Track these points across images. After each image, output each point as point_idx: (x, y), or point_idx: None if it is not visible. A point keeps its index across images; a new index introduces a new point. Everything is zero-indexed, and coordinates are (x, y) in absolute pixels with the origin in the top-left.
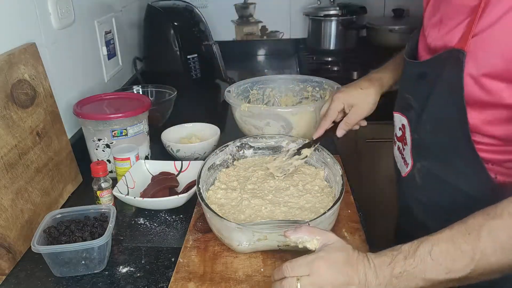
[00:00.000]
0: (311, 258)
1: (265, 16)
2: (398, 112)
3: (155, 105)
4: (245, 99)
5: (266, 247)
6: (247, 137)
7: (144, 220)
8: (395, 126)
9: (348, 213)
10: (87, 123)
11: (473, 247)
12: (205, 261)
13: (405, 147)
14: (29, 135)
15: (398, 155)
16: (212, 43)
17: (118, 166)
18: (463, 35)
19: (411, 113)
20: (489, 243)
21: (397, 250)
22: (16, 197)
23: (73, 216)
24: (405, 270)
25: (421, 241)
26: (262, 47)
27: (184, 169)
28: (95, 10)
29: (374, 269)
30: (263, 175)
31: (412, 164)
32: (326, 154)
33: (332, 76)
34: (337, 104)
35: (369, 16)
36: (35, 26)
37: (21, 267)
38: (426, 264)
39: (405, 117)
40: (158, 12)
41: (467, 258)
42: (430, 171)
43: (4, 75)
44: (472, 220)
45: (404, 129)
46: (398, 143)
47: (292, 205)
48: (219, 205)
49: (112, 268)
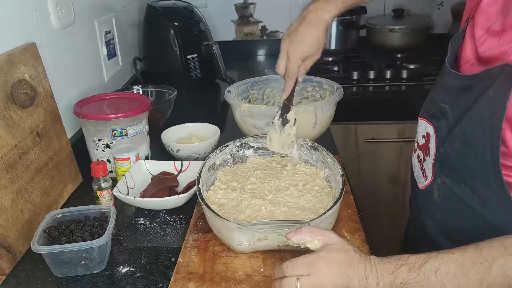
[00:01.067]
0: (311, 258)
1: (265, 16)
2: (424, 118)
3: (155, 105)
4: (245, 99)
5: (266, 247)
6: (247, 137)
7: (144, 220)
8: (418, 133)
9: (348, 213)
10: (87, 123)
11: (481, 278)
12: (205, 261)
13: (427, 158)
14: (29, 135)
15: (417, 164)
16: (212, 43)
17: (118, 166)
18: None
19: (442, 123)
20: (499, 279)
21: (402, 260)
22: (16, 197)
23: (73, 216)
24: (407, 282)
25: (430, 257)
26: (262, 47)
27: (184, 169)
28: (95, 10)
29: (375, 274)
30: (263, 175)
31: (433, 178)
32: (326, 154)
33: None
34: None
35: (369, 16)
36: (35, 26)
37: (21, 267)
38: (429, 281)
39: (432, 126)
40: (158, 12)
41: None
42: (452, 189)
43: (4, 75)
44: (487, 249)
45: (428, 138)
46: (418, 151)
47: (292, 205)
48: (219, 205)
49: (112, 268)
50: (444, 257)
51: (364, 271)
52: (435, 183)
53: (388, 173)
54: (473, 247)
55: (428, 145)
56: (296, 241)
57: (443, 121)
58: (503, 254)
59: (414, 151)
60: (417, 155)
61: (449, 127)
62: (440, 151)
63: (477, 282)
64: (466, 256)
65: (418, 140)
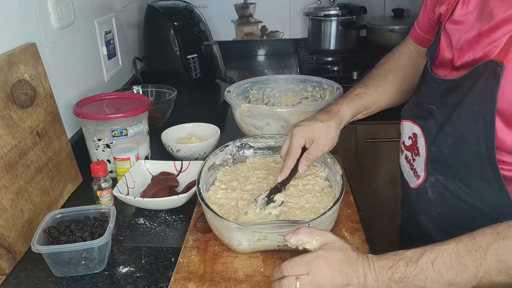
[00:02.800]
0: (310, 257)
1: (265, 16)
2: (408, 120)
3: (155, 105)
4: (245, 99)
5: (266, 247)
6: (247, 137)
7: (144, 220)
8: (404, 134)
9: (348, 213)
10: (87, 123)
11: (478, 265)
12: (205, 261)
13: (417, 158)
14: (29, 135)
15: (406, 165)
16: (212, 43)
17: (118, 166)
18: (504, 47)
19: (430, 123)
20: (495, 264)
21: (399, 256)
22: (16, 197)
23: (73, 216)
24: (405, 276)
25: (426, 250)
26: (262, 47)
27: (184, 169)
28: (95, 10)
29: (374, 271)
30: (263, 175)
31: (425, 177)
32: (326, 154)
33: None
34: (298, 139)
35: (369, 16)
36: (35, 26)
37: (21, 267)
38: (427, 273)
39: (418, 126)
40: (158, 12)
41: (470, 274)
42: (445, 186)
43: (4, 75)
44: (481, 237)
45: (416, 138)
46: (406, 152)
47: (292, 205)
48: (219, 205)
49: (112, 268)
50: (439, 249)
51: (363, 268)
52: (428, 181)
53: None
54: (466, 236)
55: (416, 145)
56: (294, 242)
57: (430, 121)
58: (497, 239)
59: (402, 152)
60: (405, 156)
61: (437, 126)
62: (432, 149)
63: (473, 269)
64: (461, 245)
65: (404, 141)
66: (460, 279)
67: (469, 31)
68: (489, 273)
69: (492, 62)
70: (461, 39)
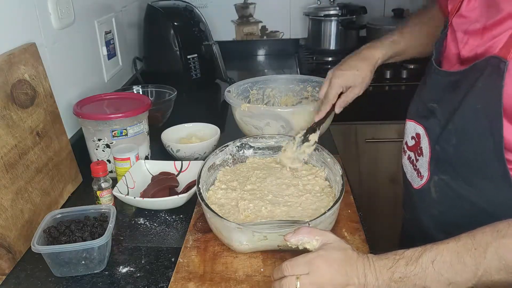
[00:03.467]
0: (310, 256)
1: (265, 16)
2: (412, 120)
3: (155, 105)
4: (245, 99)
5: (266, 247)
6: (247, 137)
7: (144, 220)
8: (407, 135)
9: (348, 213)
10: (87, 123)
11: (477, 264)
12: (205, 261)
13: (420, 158)
14: (29, 135)
15: (409, 165)
16: (212, 43)
17: (118, 166)
18: (507, 42)
19: (432, 122)
20: (494, 262)
21: (399, 255)
22: (16, 197)
23: (73, 216)
24: (405, 276)
25: (425, 249)
26: (262, 47)
27: (184, 169)
28: (95, 10)
29: (374, 271)
30: (263, 175)
31: (429, 177)
32: (326, 154)
33: None
34: (337, 88)
35: (369, 16)
36: (35, 26)
37: (21, 267)
38: (427, 272)
39: (421, 126)
40: (158, 12)
41: (470, 273)
42: (450, 186)
43: (4, 75)
44: (480, 235)
45: (419, 138)
46: (409, 152)
47: (292, 205)
48: (219, 205)
49: (112, 268)
50: (439, 248)
51: (363, 268)
52: (432, 181)
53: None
54: (466, 235)
55: (419, 145)
56: (294, 242)
57: (432, 120)
58: (496, 237)
59: (404, 153)
60: (408, 156)
61: (440, 124)
62: (436, 149)
63: (473, 267)
64: (461, 244)
65: (407, 141)
66: (460, 277)
67: (474, 23)
68: (488, 272)
69: (494, 58)
70: (466, 32)
